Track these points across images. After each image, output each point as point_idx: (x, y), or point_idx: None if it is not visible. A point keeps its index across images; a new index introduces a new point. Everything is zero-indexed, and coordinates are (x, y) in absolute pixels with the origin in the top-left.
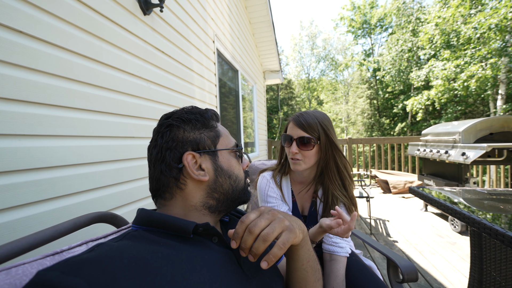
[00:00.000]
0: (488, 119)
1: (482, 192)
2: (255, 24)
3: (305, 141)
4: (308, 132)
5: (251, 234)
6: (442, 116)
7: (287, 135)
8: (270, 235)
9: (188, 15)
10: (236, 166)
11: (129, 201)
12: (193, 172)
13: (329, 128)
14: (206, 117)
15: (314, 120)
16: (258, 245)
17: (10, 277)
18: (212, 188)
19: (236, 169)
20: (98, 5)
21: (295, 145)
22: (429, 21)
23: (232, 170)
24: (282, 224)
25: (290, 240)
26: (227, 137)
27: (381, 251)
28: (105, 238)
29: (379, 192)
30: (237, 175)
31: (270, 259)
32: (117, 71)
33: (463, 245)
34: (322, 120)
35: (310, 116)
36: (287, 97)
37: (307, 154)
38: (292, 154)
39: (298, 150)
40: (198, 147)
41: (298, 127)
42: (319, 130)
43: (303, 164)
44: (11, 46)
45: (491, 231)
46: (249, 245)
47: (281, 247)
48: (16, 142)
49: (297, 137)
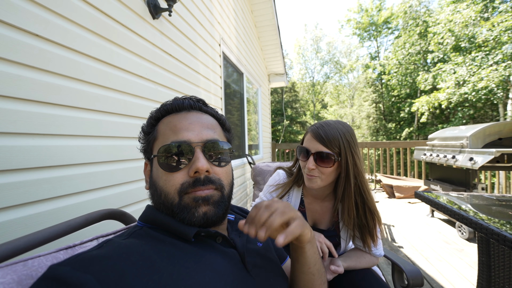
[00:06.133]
0: (497, 124)
1: (490, 198)
2: (261, 27)
3: (324, 157)
4: (328, 147)
5: (268, 209)
6: (450, 120)
7: (303, 148)
8: (286, 212)
9: (196, 19)
10: (162, 176)
11: (136, 199)
12: (145, 179)
13: (352, 141)
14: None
15: (336, 134)
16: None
17: (27, 269)
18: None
19: (161, 181)
20: (110, 10)
21: (312, 160)
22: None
23: (157, 181)
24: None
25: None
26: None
27: (386, 256)
28: (114, 235)
29: (384, 197)
30: (162, 188)
31: (286, 237)
32: (127, 74)
33: (470, 252)
34: (345, 134)
35: (331, 128)
36: (291, 100)
37: (325, 171)
38: (308, 170)
39: (315, 166)
40: (146, 156)
41: (317, 140)
42: (341, 145)
43: (319, 181)
44: (28, 48)
45: (499, 237)
46: (264, 219)
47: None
48: (30, 141)
49: (315, 151)
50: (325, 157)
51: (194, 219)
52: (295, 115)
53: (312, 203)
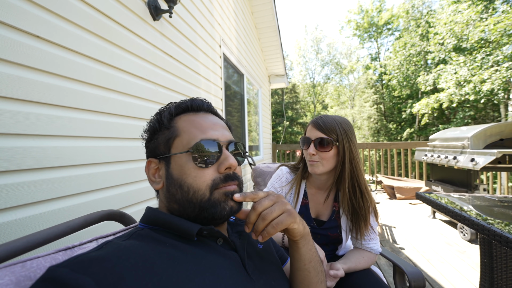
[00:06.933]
0: (498, 125)
1: (492, 199)
2: (261, 29)
3: (324, 143)
4: (326, 134)
5: (255, 211)
6: (451, 121)
7: (305, 138)
8: (268, 215)
9: (196, 21)
10: (191, 173)
11: (137, 200)
12: (150, 179)
13: (349, 130)
14: (163, 116)
15: (333, 122)
16: (258, 223)
17: (25, 270)
18: (167, 197)
19: (190, 177)
20: (111, 11)
21: (313, 146)
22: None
23: (184, 178)
24: (283, 207)
25: (285, 223)
26: (188, 135)
27: (387, 257)
28: (113, 236)
29: (385, 198)
30: (191, 185)
31: (264, 235)
32: (127, 75)
33: (472, 254)
34: (341, 123)
35: (329, 118)
36: (292, 101)
37: (325, 155)
38: (310, 156)
39: (316, 152)
40: (156, 153)
41: (317, 129)
42: (338, 132)
43: (321, 166)
44: (29, 50)
45: (502, 238)
46: (253, 221)
47: (274, 226)
48: (31, 142)
49: (315, 138)
50: (324, 142)
51: (224, 212)
52: (296, 116)
53: (315, 194)
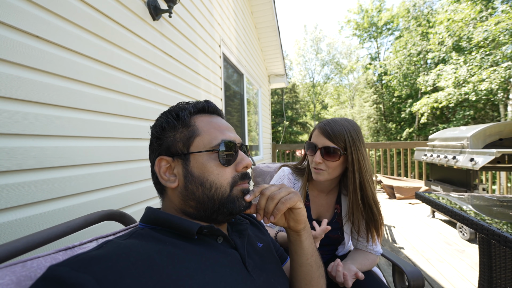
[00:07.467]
0: (498, 124)
1: (491, 198)
2: (261, 29)
3: (331, 152)
4: (334, 142)
5: (264, 196)
6: (450, 121)
7: (311, 143)
8: (277, 195)
9: (196, 20)
10: (214, 171)
11: (136, 200)
12: (161, 177)
13: (357, 138)
14: (181, 115)
15: (342, 129)
16: (268, 203)
17: (26, 270)
18: (184, 195)
19: (213, 175)
20: (110, 11)
21: (319, 154)
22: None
23: (207, 176)
24: (288, 189)
25: (293, 199)
26: (209, 135)
27: (386, 257)
28: (114, 235)
29: (385, 198)
30: (213, 182)
31: (275, 213)
32: (127, 75)
33: (472, 253)
34: (350, 130)
35: (337, 124)
36: (292, 101)
37: (332, 165)
38: (316, 164)
39: (322, 160)
40: (171, 151)
41: (324, 136)
42: (346, 140)
43: (326, 174)
44: (28, 50)
45: (500, 238)
46: (263, 205)
47: (283, 202)
48: (31, 142)
49: (322, 146)
50: (331, 151)
51: (242, 207)
52: (296, 116)
53: (317, 196)
